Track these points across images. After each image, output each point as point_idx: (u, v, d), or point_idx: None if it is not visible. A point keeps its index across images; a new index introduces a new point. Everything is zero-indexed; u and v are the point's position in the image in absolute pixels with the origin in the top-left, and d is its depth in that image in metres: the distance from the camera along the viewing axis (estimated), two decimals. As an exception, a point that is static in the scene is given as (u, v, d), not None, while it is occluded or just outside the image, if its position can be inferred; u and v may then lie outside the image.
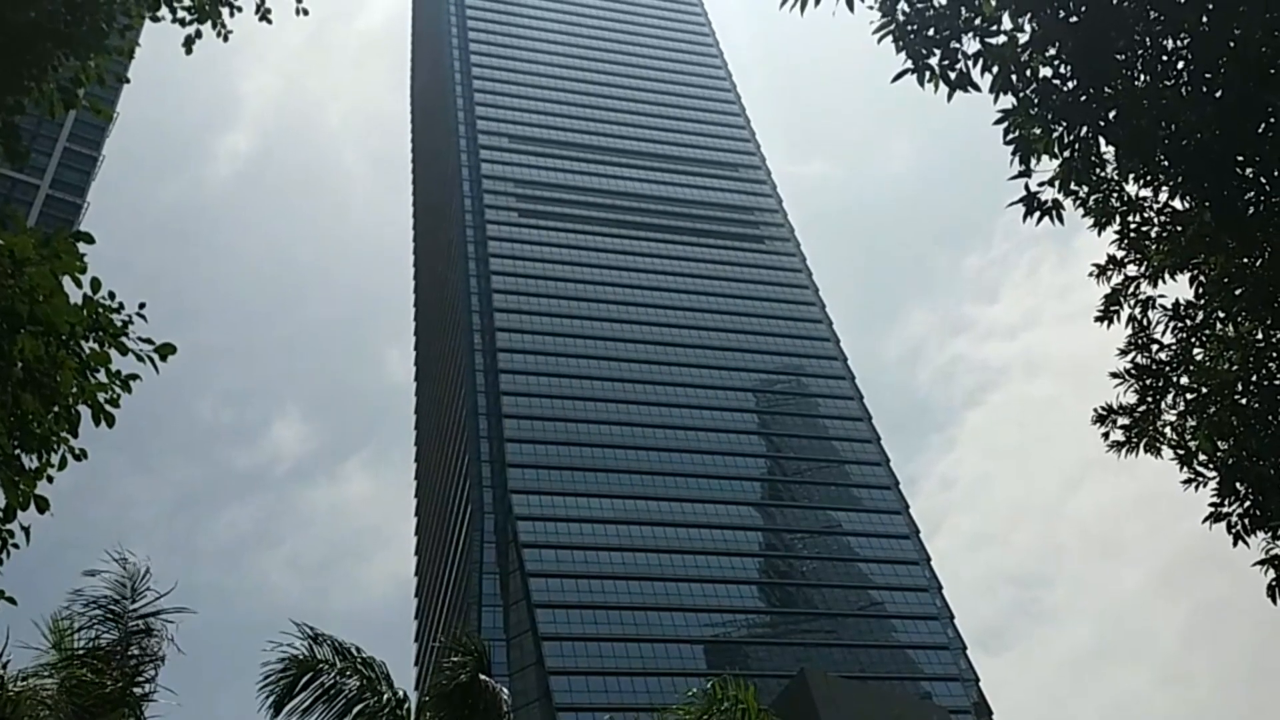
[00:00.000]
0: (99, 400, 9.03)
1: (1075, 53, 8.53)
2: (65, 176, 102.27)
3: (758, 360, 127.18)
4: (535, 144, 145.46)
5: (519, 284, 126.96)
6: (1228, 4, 7.50)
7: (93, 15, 9.00)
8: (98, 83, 9.42)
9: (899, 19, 9.14)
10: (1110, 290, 10.85)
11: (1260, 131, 7.64)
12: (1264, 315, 8.64)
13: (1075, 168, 8.59)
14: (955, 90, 8.87)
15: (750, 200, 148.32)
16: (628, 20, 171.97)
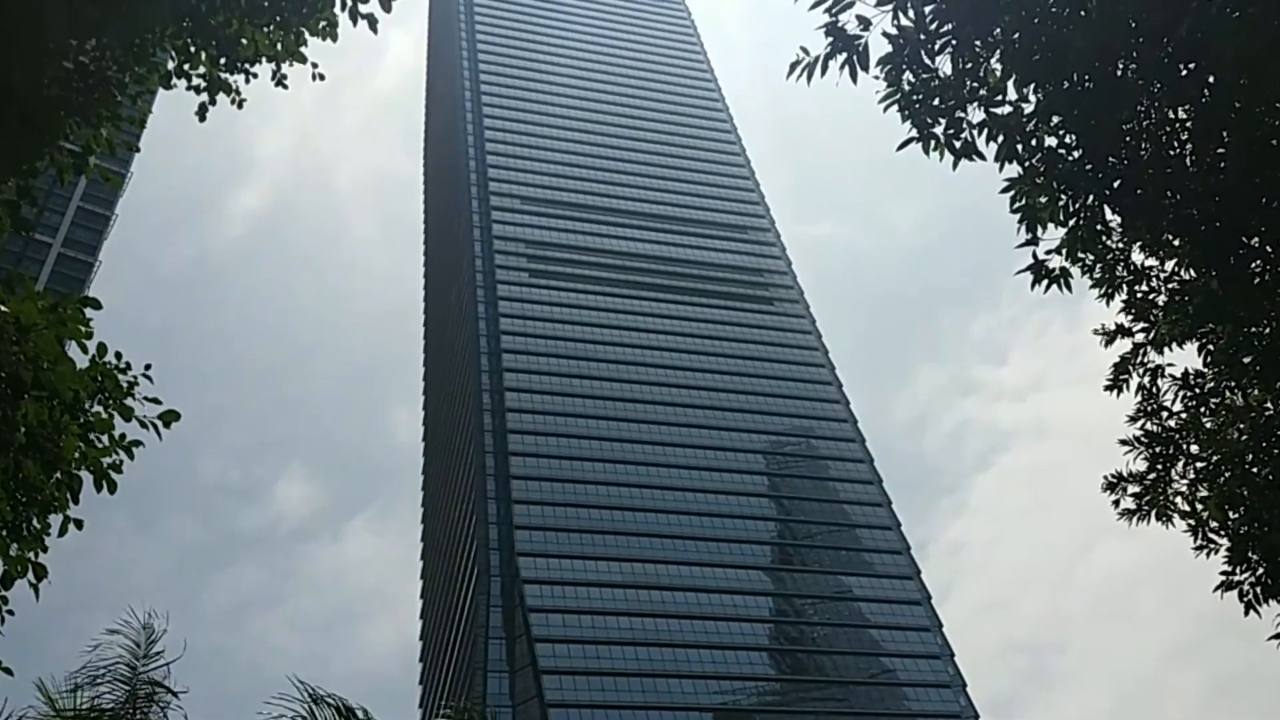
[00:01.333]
0: (101, 466, 9.01)
1: (1080, 123, 8.58)
2: (77, 235, 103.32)
3: (767, 422, 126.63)
4: (546, 205, 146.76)
5: (528, 344, 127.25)
6: (1229, 78, 7.54)
7: (105, 85, 9.12)
8: (108, 151, 9.53)
9: (904, 89, 9.21)
10: (1119, 358, 10.81)
11: (1264, 202, 7.64)
12: (1274, 385, 8.56)
13: (1081, 236, 8.59)
14: (960, 159, 8.91)
15: (759, 262, 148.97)
16: (639, 84, 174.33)
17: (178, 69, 9.85)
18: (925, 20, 8.91)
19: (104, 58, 9.52)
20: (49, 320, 8.15)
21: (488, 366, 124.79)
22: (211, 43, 9.73)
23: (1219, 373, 9.43)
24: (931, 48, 9.02)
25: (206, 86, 10.24)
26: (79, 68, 9.44)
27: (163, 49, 9.78)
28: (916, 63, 9.09)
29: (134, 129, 9.90)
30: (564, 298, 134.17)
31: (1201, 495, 9.56)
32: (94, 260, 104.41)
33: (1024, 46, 8.68)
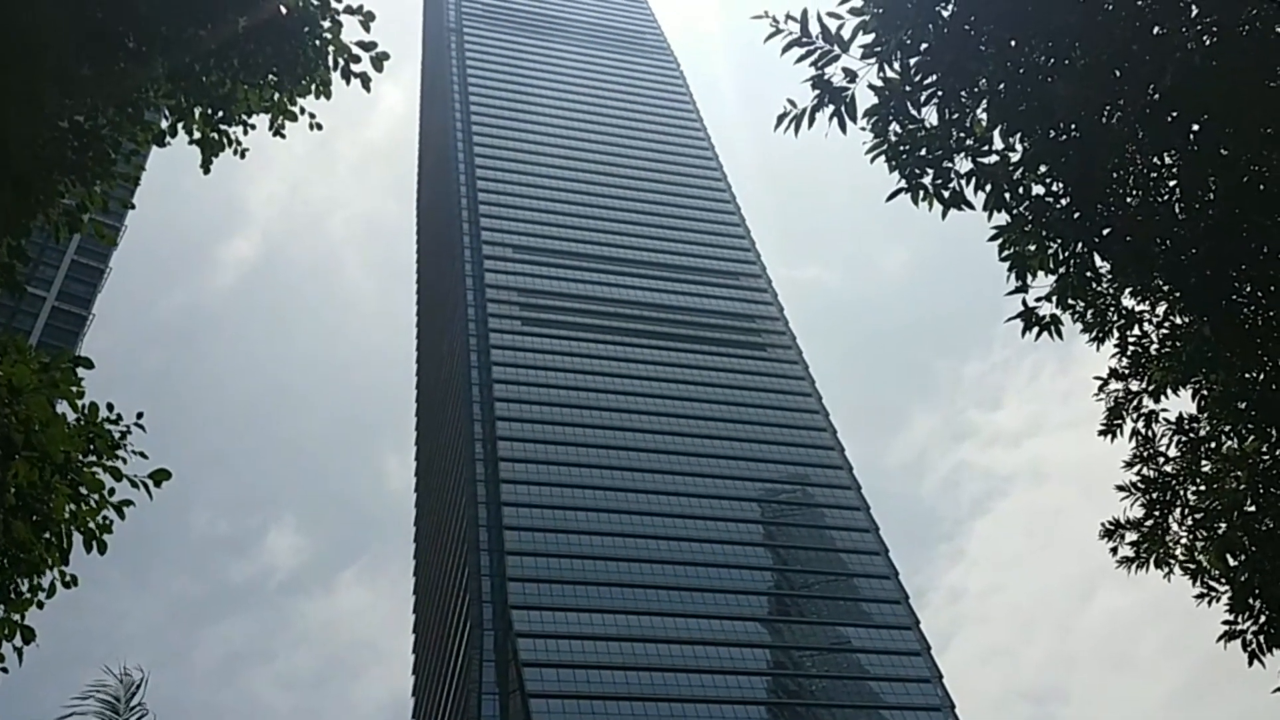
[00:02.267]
0: (91, 526, 8.94)
1: (1067, 171, 8.65)
2: (71, 289, 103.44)
3: (762, 469, 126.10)
4: (538, 253, 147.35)
5: (521, 392, 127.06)
6: (1214, 125, 7.62)
7: (99, 144, 9.17)
8: (102, 208, 9.56)
9: (891, 140, 9.29)
10: (1112, 404, 10.80)
11: (1254, 248, 7.68)
12: (1269, 432, 8.56)
13: (1071, 284, 8.63)
14: (949, 209, 8.97)
15: (751, 308, 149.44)
16: (629, 132, 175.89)
17: (171, 127, 9.91)
18: (910, 72, 9.00)
19: (98, 117, 9.58)
20: (41, 381, 8.13)
21: (480, 415, 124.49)
22: (205, 101, 9.80)
23: (1214, 419, 9.41)
24: (917, 99, 9.10)
25: (202, 141, 10.30)
26: (73, 127, 9.49)
27: (156, 108, 9.85)
28: (903, 114, 9.17)
29: (128, 186, 9.94)
30: (556, 345, 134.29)
31: (1201, 544, 9.51)
32: (87, 313, 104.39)
33: (1009, 96, 8.77)
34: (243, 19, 9.46)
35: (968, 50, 8.71)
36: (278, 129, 10.43)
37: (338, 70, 10.00)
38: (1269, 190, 7.48)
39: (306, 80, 10.01)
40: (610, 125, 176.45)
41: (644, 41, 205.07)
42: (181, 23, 9.30)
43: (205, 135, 10.12)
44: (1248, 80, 7.39)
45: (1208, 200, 7.93)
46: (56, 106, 9.19)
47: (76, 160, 9.08)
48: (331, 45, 9.85)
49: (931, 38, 8.80)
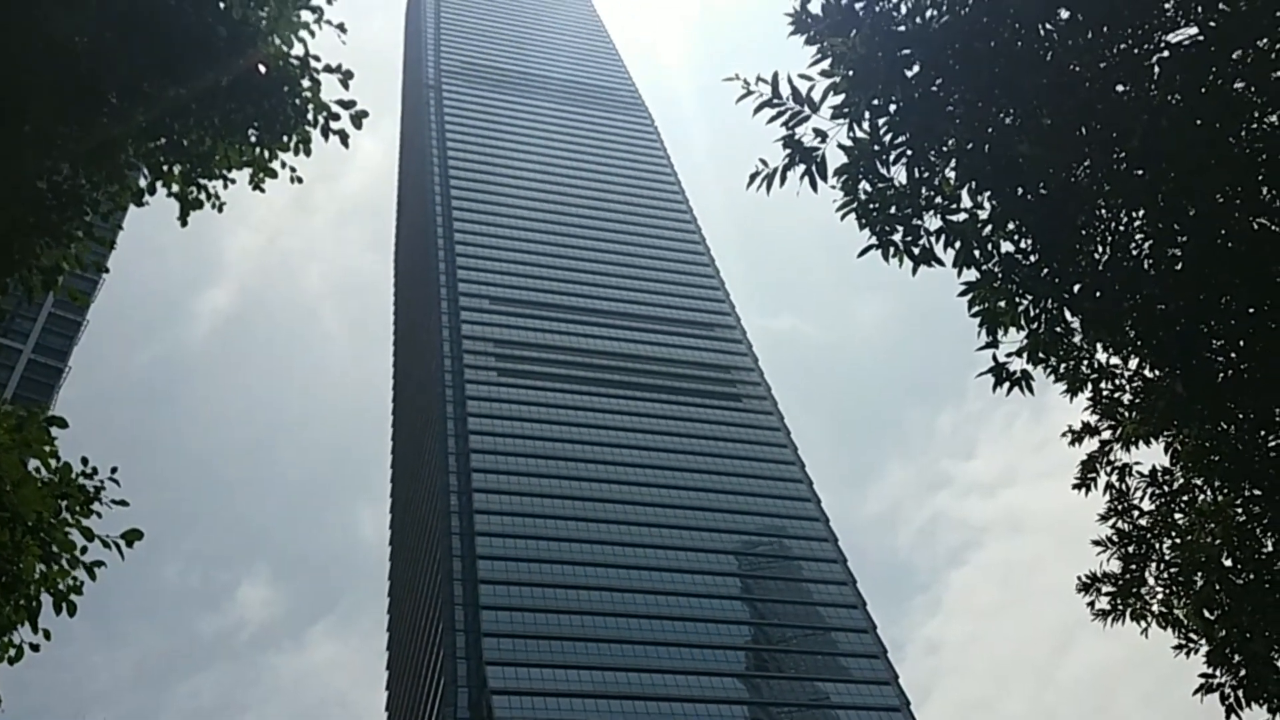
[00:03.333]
0: (61, 588, 8.82)
1: (1036, 228, 8.78)
2: (48, 341, 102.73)
3: (738, 521, 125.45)
4: (515, 305, 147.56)
5: (497, 444, 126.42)
6: (1182, 183, 7.79)
7: (78, 204, 9.18)
8: (78, 268, 9.54)
9: (861, 198, 9.40)
10: (1086, 457, 10.89)
11: (1224, 303, 7.81)
12: (1241, 486, 8.65)
13: (1043, 340, 8.73)
14: (919, 265, 9.08)
15: (726, 359, 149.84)
16: (605, 184, 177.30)
17: (150, 185, 9.94)
18: (879, 132, 9.15)
19: (77, 176, 9.60)
20: (13, 440, 8.07)
21: (455, 467, 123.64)
22: (184, 159, 9.85)
23: (1187, 472, 9.49)
24: (886, 158, 9.23)
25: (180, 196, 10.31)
26: (52, 187, 9.50)
27: (135, 167, 9.88)
28: (872, 172, 9.29)
29: (104, 249, 9.94)
30: (532, 396, 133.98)
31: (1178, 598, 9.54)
32: (64, 366, 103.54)
33: (976, 156, 8.92)
34: (224, 78, 9.55)
35: (936, 111, 8.87)
36: (258, 183, 10.46)
37: (317, 127, 10.08)
38: (1237, 248, 7.63)
39: (286, 137, 10.08)
40: (586, 179, 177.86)
41: (619, 98, 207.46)
42: (163, 82, 9.37)
43: (184, 191, 10.15)
44: (1214, 140, 7.57)
45: (1176, 257, 8.07)
46: (36, 166, 9.22)
47: (54, 221, 9.08)
48: (311, 103, 9.94)
49: (900, 99, 8.96)
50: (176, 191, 10.22)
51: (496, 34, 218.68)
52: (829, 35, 9.13)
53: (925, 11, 8.95)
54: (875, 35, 8.97)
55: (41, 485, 8.92)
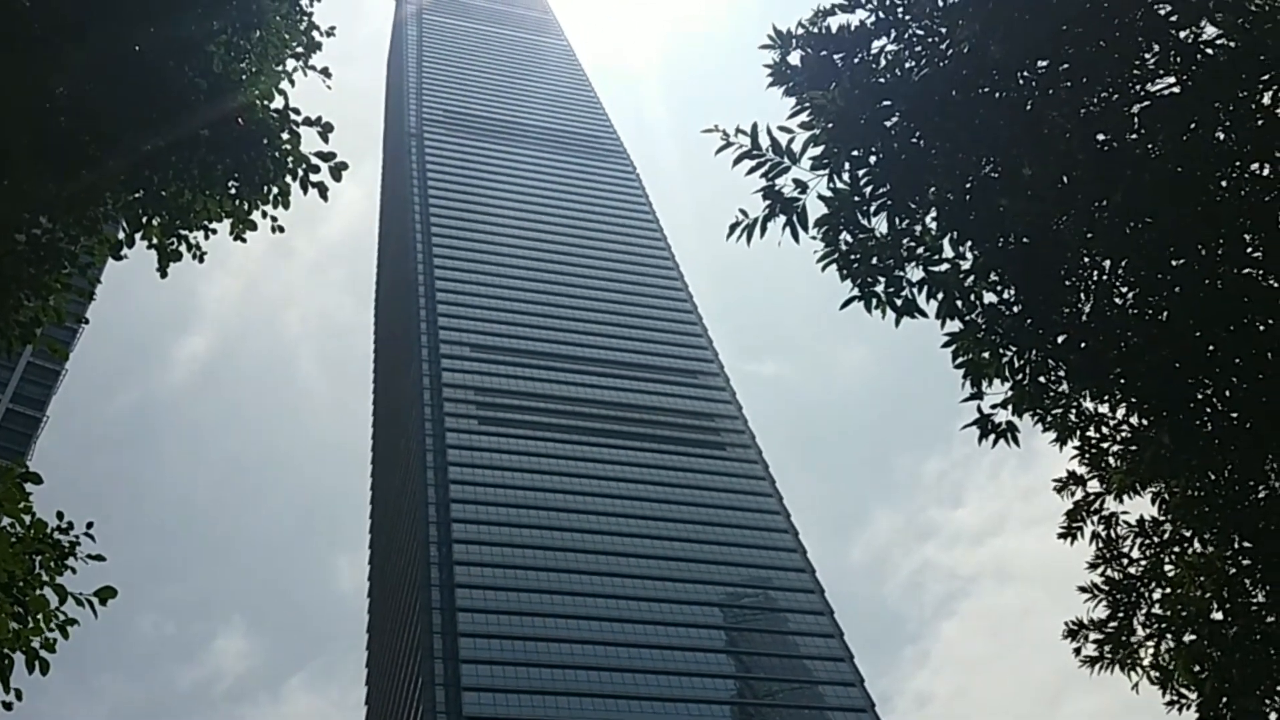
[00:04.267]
0: (34, 646, 8.64)
1: (1018, 278, 8.79)
2: (26, 390, 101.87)
3: (723, 572, 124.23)
4: (496, 352, 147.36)
5: (477, 493, 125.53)
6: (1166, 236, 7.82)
7: (56, 257, 9.11)
8: (56, 321, 9.45)
9: (842, 249, 9.39)
10: (1072, 505, 10.82)
11: (1209, 354, 7.81)
12: (1231, 537, 8.61)
13: (1027, 393, 8.70)
14: (902, 317, 9.06)
15: (709, 406, 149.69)
16: (586, 232, 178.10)
17: (128, 238, 9.88)
18: (859, 183, 9.18)
19: (55, 229, 9.54)
20: (-15, 498, 7.92)
21: (435, 517, 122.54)
22: (163, 211, 9.80)
23: (1176, 521, 9.44)
24: (867, 209, 9.23)
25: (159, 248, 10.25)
26: (30, 240, 9.43)
27: (114, 219, 9.83)
28: (853, 223, 9.28)
29: (82, 301, 9.85)
30: (514, 445, 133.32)
31: (1167, 648, 9.44)
32: (41, 415, 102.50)
33: (957, 207, 8.95)
34: (203, 130, 9.53)
35: (916, 162, 8.91)
36: (239, 234, 10.42)
37: (296, 180, 10.05)
38: (1221, 298, 7.65)
39: (266, 189, 10.05)
40: (567, 226, 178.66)
41: (600, 145, 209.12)
42: (142, 134, 9.34)
43: (163, 243, 10.09)
44: (1196, 190, 7.62)
45: (1161, 307, 8.08)
46: (14, 219, 9.15)
47: (33, 274, 9.00)
48: (291, 156, 9.92)
49: (880, 150, 9.00)
50: (155, 243, 10.16)
51: (478, 82, 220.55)
52: (808, 88, 9.19)
53: (904, 64, 9.03)
54: (854, 88, 9.03)
55: (15, 542, 8.77)
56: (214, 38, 9.06)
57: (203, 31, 8.99)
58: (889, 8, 8.83)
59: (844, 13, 8.98)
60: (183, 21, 9.01)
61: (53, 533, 9.09)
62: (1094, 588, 10.47)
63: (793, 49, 9.01)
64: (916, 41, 8.86)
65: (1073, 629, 10.73)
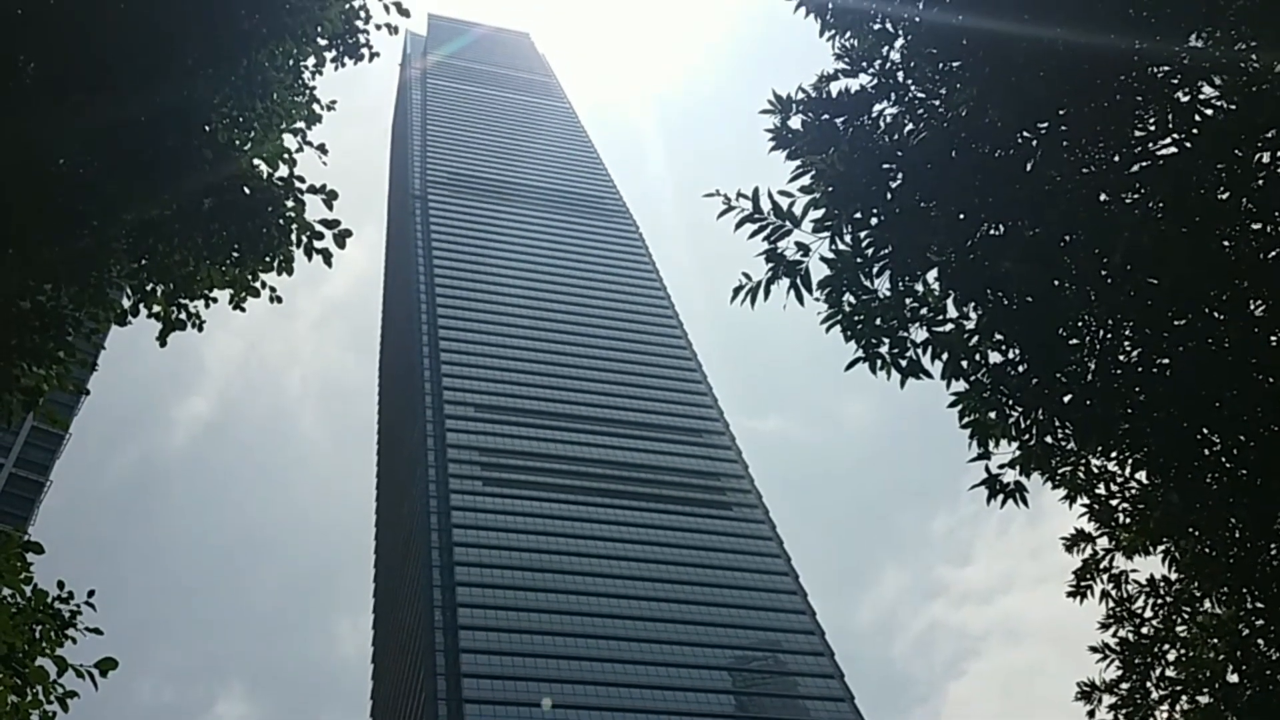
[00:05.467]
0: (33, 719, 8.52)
1: (1023, 338, 8.77)
2: (30, 455, 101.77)
3: (732, 635, 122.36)
4: (500, 412, 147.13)
5: (482, 555, 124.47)
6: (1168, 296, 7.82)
7: (60, 325, 9.12)
8: (59, 389, 9.44)
9: (845, 310, 9.40)
10: (1081, 564, 10.71)
11: (1216, 411, 7.76)
12: (1244, 597, 8.49)
13: (1035, 454, 8.64)
14: (907, 378, 9.03)
15: (715, 465, 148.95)
16: (590, 291, 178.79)
17: (133, 306, 9.90)
18: (861, 245, 9.20)
19: (60, 296, 9.56)
20: (-15, 570, 7.85)
21: (440, 580, 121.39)
22: (168, 279, 9.83)
23: (1187, 582, 9.33)
24: (869, 270, 9.26)
25: (162, 317, 10.28)
26: (35, 307, 9.45)
27: (118, 288, 9.86)
28: (856, 284, 9.30)
29: (85, 371, 9.85)
30: (518, 505, 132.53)
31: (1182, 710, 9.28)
32: (45, 480, 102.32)
33: (960, 267, 8.96)
34: (208, 199, 9.60)
35: (918, 224, 8.94)
36: (238, 303, 10.44)
37: (300, 247, 10.10)
38: (1226, 358, 7.62)
39: (270, 257, 10.10)
40: (571, 285, 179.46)
41: (603, 205, 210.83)
42: (147, 204, 9.41)
43: (166, 311, 10.12)
44: (1199, 249, 7.63)
45: (1166, 366, 8.05)
46: (19, 287, 9.18)
47: (36, 343, 9.01)
48: (295, 223, 9.98)
49: (882, 213, 9.04)
50: (158, 312, 10.19)
51: (481, 144, 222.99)
52: (809, 152, 9.26)
53: (905, 127, 9.11)
54: (855, 151, 9.10)
55: (15, 613, 8.69)
56: (219, 108, 9.17)
57: (207, 102, 9.09)
58: (889, 72, 8.93)
59: (846, 77, 9.08)
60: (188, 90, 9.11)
61: (53, 603, 9.02)
62: (1106, 649, 10.33)
63: (793, 113, 9.09)
64: (918, 105, 8.94)
65: (1085, 691, 10.57)
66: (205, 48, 8.80)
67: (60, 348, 9.15)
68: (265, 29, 8.78)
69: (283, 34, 9.02)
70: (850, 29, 9.17)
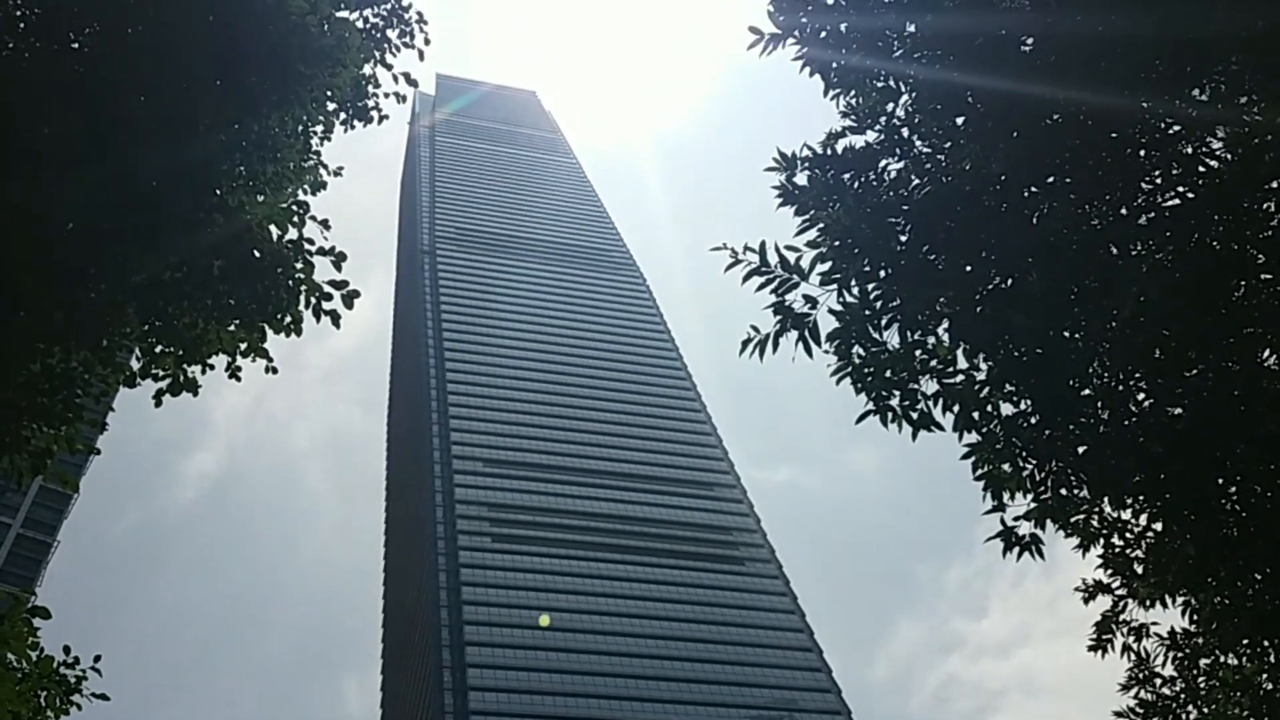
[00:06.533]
0: (36, 790, 8.40)
1: (1034, 390, 8.71)
2: (38, 515, 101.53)
3: (746, 694, 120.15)
4: (509, 467, 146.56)
5: (491, 614, 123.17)
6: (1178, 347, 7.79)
7: (70, 387, 9.14)
8: (68, 450, 9.43)
9: (855, 362, 9.37)
10: (1101, 617, 10.56)
11: (1230, 462, 7.68)
12: (1265, 650, 8.34)
13: (1050, 507, 8.55)
14: (919, 430, 8.98)
15: (726, 519, 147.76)
16: (598, 344, 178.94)
17: (143, 369, 9.93)
18: (869, 297, 9.20)
19: (70, 359, 9.59)
20: (-8, 636, 7.80)
21: (448, 640, 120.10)
22: (178, 342, 9.86)
23: (1208, 633, 9.17)
24: (878, 322, 9.24)
25: (169, 381, 10.29)
26: (45, 369, 9.47)
27: (128, 349, 9.89)
28: (865, 337, 9.28)
29: (94, 431, 9.85)
30: (528, 562, 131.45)
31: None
32: (52, 540, 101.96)
33: (968, 320, 8.94)
34: (218, 262, 9.65)
35: (925, 277, 8.95)
36: (234, 372, 10.44)
37: (309, 308, 10.13)
38: (1238, 408, 7.56)
39: (279, 317, 10.13)
40: (579, 339, 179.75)
41: (611, 258, 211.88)
42: (157, 266, 9.46)
43: (175, 374, 10.13)
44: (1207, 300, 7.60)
45: (1178, 417, 7.98)
46: (28, 350, 9.20)
47: (46, 404, 9.02)
48: (304, 285, 10.03)
49: (889, 266, 9.05)
50: (169, 372, 10.20)
51: (489, 199, 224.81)
52: (815, 206, 9.30)
53: (910, 182, 9.15)
54: (860, 205, 9.14)
55: (21, 679, 8.61)
56: (230, 171, 9.26)
57: (218, 165, 9.18)
58: (894, 128, 8.99)
59: (853, 134, 9.14)
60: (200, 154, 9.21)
61: (59, 668, 8.95)
62: (1130, 712, 10.13)
63: (799, 170, 9.15)
64: (924, 159, 8.99)
65: (1109, 753, 10.34)
66: (218, 112, 8.90)
67: (70, 409, 9.17)
68: (276, 95, 8.90)
69: (293, 100, 9.14)
70: (854, 87, 9.25)
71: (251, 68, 8.85)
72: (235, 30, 8.88)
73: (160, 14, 8.67)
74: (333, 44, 9.22)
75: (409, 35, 11.90)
